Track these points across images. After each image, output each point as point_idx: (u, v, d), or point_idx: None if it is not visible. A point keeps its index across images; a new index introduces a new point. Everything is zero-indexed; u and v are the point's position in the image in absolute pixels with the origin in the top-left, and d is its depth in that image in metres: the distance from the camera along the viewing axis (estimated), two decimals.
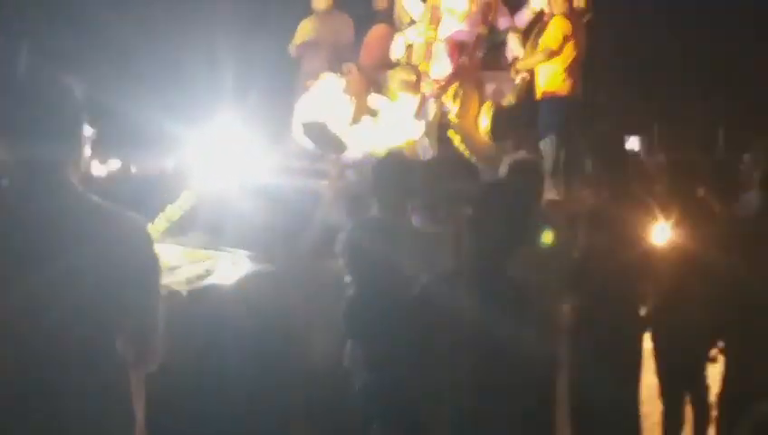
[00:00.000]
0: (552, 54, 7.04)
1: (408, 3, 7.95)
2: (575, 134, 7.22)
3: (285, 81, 8.06)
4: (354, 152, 6.60)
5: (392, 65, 7.68)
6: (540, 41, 7.17)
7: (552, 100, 7.13)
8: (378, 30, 8.10)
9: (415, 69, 7.17)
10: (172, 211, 6.28)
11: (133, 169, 9.80)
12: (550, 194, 6.76)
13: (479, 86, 7.37)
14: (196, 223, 6.16)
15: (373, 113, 7.09)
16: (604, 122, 8.52)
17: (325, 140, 6.53)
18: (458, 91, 7.05)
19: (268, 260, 5.15)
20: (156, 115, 7.25)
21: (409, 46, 7.84)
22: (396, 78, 7.08)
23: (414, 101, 7.01)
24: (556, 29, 7.04)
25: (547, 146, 7.12)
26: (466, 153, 7.01)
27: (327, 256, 4.49)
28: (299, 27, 8.13)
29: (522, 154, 6.44)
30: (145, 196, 6.86)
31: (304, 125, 6.69)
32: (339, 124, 6.81)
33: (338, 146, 6.49)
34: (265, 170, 6.41)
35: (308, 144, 6.72)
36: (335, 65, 7.64)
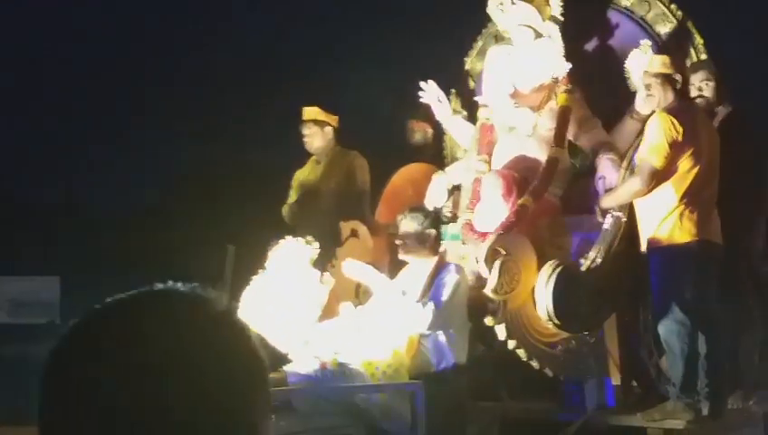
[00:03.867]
0: (655, 177, 4.08)
1: (455, 127, 5.36)
2: (719, 305, 4.13)
3: None
4: (306, 367, 3.91)
5: None
6: (636, 156, 4.26)
7: (666, 253, 4.10)
8: (408, 172, 5.47)
9: (432, 214, 4.49)
10: None
11: None
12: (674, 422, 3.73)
13: (549, 240, 4.49)
14: None
15: (360, 300, 4.44)
16: None
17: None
18: (498, 252, 4.14)
19: None
20: None
21: (456, 190, 5.18)
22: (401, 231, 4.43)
23: (425, 266, 4.28)
24: (657, 132, 4.11)
25: (670, 337, 4.04)
26: (523, 355, 4.12)
27: None
28: (293, 180, 5.66)
29: None
30: None
31: None
32: (298, 319, 4.18)
33: (273, 359, 3.84)
34: None
35: None
36: (332, 225, 5.12)
